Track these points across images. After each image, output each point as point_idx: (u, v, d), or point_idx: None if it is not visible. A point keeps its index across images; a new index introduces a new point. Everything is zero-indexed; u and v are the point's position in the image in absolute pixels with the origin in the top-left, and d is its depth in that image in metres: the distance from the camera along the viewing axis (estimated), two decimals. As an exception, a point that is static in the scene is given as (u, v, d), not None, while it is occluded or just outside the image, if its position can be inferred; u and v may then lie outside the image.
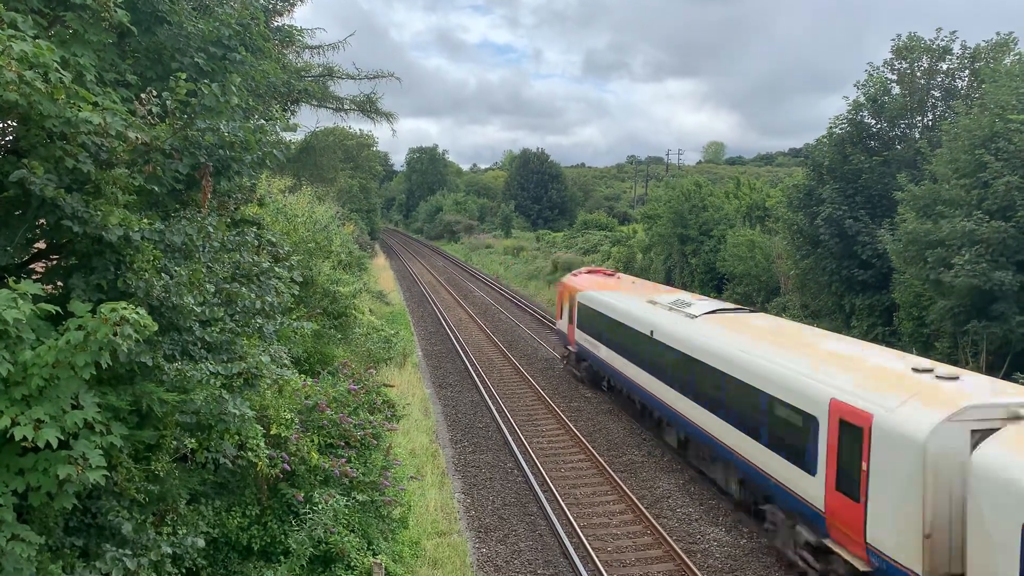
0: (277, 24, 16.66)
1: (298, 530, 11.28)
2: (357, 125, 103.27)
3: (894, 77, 29.46)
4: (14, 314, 5.56)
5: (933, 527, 10.43)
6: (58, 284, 8.16)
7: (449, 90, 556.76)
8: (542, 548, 15.89)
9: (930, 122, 29.11)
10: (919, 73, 28.76)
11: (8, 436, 5.76)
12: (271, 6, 15.74)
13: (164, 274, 7.86)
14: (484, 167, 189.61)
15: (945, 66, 28.62)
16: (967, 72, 28.22)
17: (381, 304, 43.34)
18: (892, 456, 11.10)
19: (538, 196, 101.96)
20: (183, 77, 8.13)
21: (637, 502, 17.71)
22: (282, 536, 11.25)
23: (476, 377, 30.07)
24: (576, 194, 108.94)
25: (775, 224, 35.94)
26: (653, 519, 16.82)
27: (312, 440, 12.67)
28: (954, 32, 28.15)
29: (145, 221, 7.67)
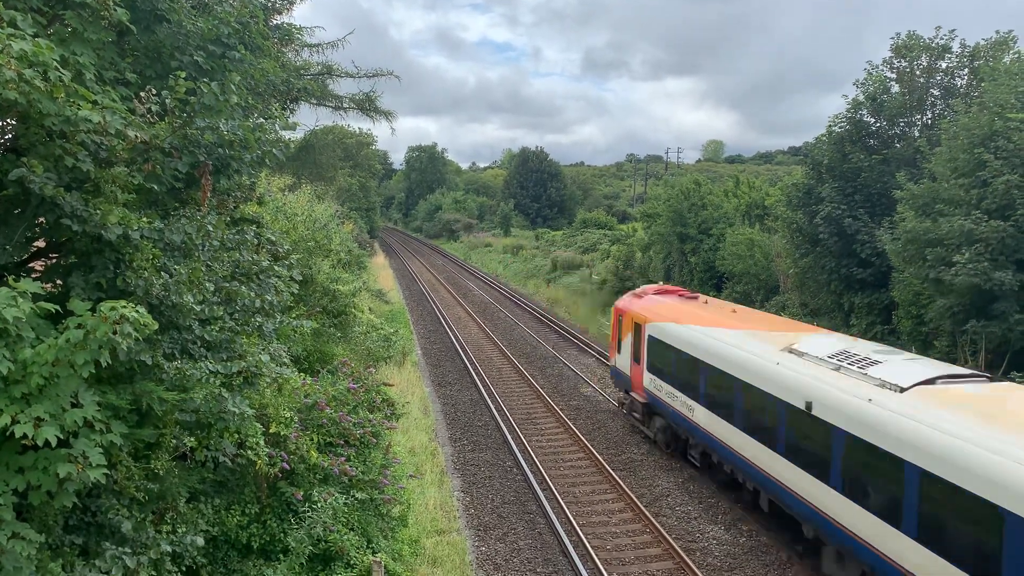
0: (276, 22, 16.64)
1: (297, 528, 11.29)
2: (356, 124, 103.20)
3: (893, 76, 29.46)
4: (14, 312, 5.56)
5: None
6: (57, 283, 8.16)
7: (448, 88, 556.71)
8: (541, 546, 15.91)
9: (929, 121, 29.12)
10: (918, 72, 28.77)
11: (8, 434, 5.76)
12: (270, 4, 15.73)
13: (163, 273, 7.86)
14: (483, 166, 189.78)
15: (944, 64, 28.63)
16: (966, 70, 28.23)
17: (380, 303, 43.34)
18: None
19: (537, 195, 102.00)
20: (183, 76, 8.13)
21: (636, 500, 17.73)
22: (281, 534, 11.26)
23: (475, 375, 30.08)
24: (575, 193, 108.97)
25: (774, 223, 35.96)
26: (652, 517, 16.84)
27: (311, 439, 12.67)
28: (953, 30, 28.17)
29: (144, 220, 7.66)
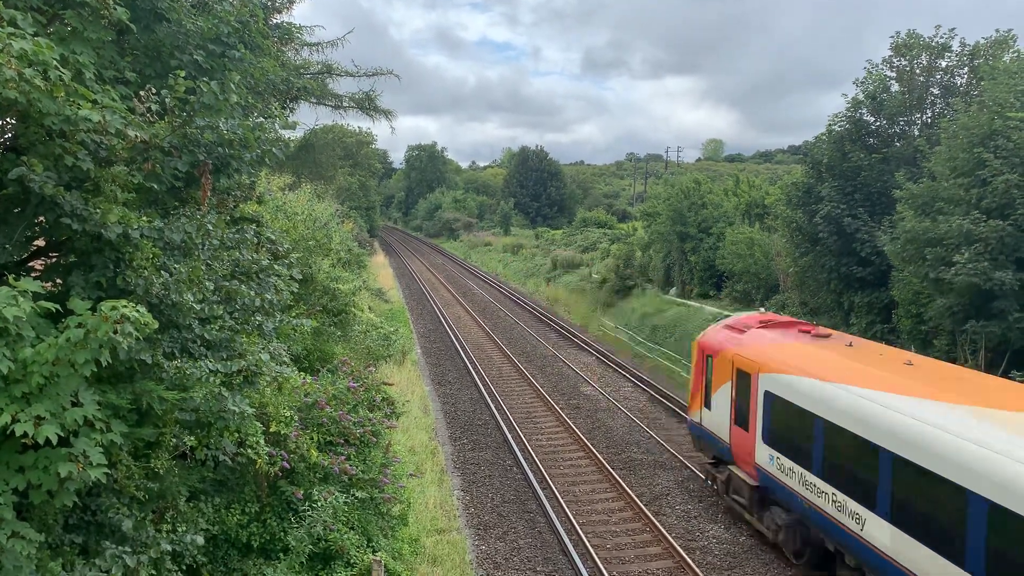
0: (276, 21, 16.65)
1: (297, 527, 11.29)
2: (356, 123, 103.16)
3: (893, 74, 29.45)
4: (14, 312, 5.55)
5: None
6: (57, 282, 8.15)
7: (448, 88, 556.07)
8: (541, 545, 15.92)
9: (929, 119, 29.11)
10: (918, 70, 28.76)
11: (8, 433, 5.76)
12: (270, 3, 15.74)
13: (163, 272, 7.86)
14: (483, 165, 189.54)
15: (944, 63, 28.62)
16: (966, 69, 28.22)
17: (380, 302, 43.34)
18: None
19: (537, 194, 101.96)
20: (182, 75, 8.12)
21: (636, 499, 17.74)
22: (281, 533, 11.25)
23: (475, 374, 30.09)
24: (575, 192, 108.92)
25: (774, 222, 35.97)
26: (652, 516, 16.85)
27: (311, 438, 12.67)
28: (953, 29, 28.16)
29: (144, 219, 7.66)
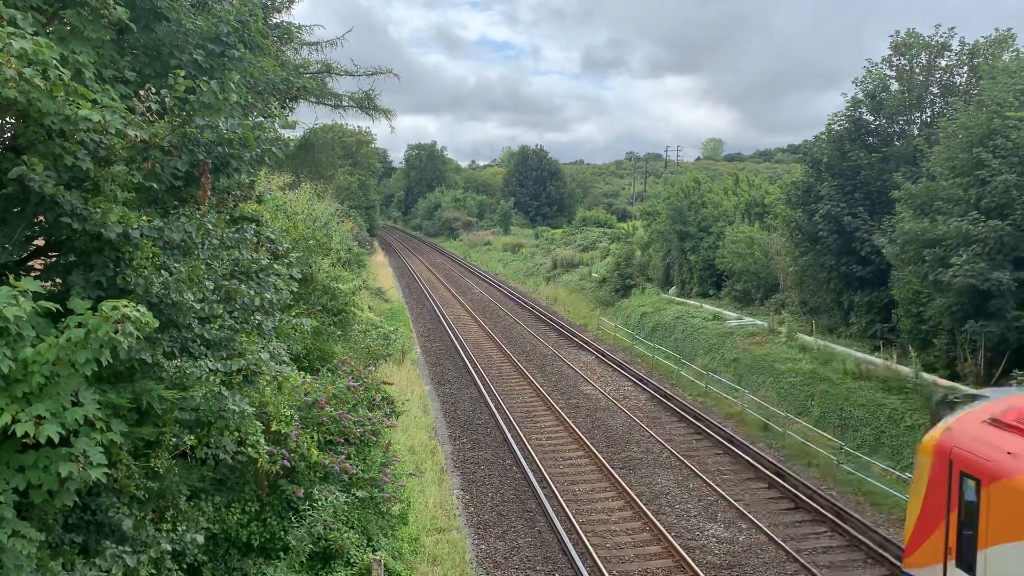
0: (275, 21, 16.63)
1: (298, 527, 11.30)
2: (355, 122, 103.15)
3: (893, 73, 29.49)
4: (15, 311, 5.55)
5: None
6: (56, 281, 8.16)
7: (448, 87, 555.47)
8: (541, 544, 15.93)
9: (928, 118, 29.14)
10: (918, 69, 28.79)
11: (8, 433, 5.76)
12: (269, 3, 15.72)
13: (163, 271, 7.86)
14: (483, 164, 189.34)
15: (944, 62, 28.66)
16: (966, 68, 28.26)
17: (380, 301, 43.35)
18: None
19: (537, 193, 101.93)
20: (182, 74, 8.12)
21: (636, 498, 17.75)
22: (281, 533, 11.26)
23: (475, 374, 30.10)
24: (575, 191, 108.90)
25: (774, 221, 36.00)
26: (652, 515, 16.86)
27: (312, 437, 12.67)
28: (952, 28, 28.21)
29: (144, 218, 7.66)
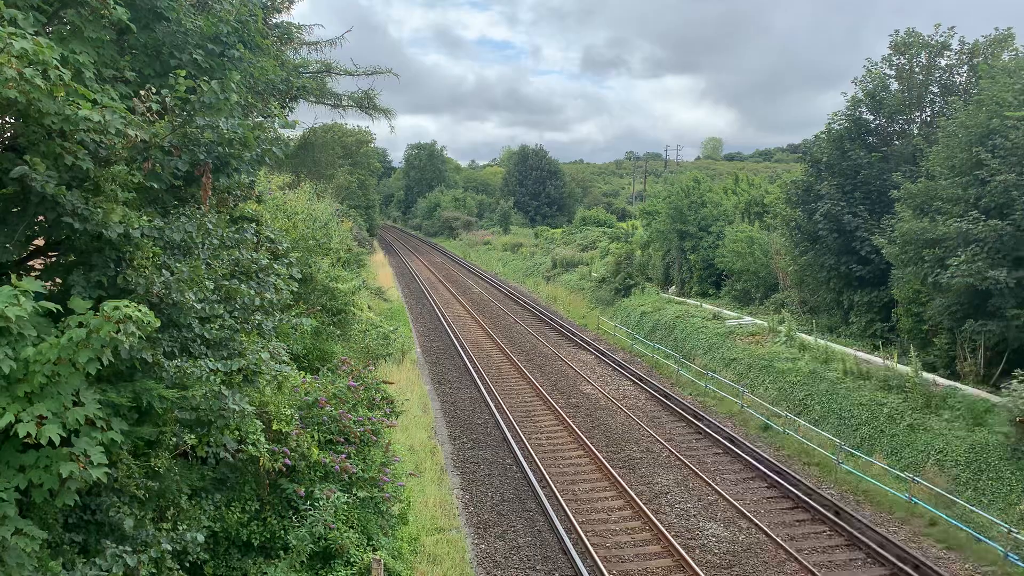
0: (275, 21, 16.62)
1: (299, 526, 11.31)
2: (355, 122, 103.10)
3: (892, 73, 29.50)
4: (16, 311, 5.56)
5: None
6: (56, 281, 8.16)
7: (447, 86, 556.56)
8: (541, 544, 15.94)
9: (928, 118, 29.15)
10: (917, 69, 28.79)
11: (10, 433, 5.77)
12: (269, 3, 15.71)
13: (164, 271, 7.87)
14: (482, 163, 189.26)
15: (943, 62, 28.67)
16: (965, 68, 28.26)
17: (380, 301, 43.34)
18: None
19: (536, 192, 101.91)
20: (183, 75, 8.13)
21: (636, 498, 17.76)
22: (281, 532, 11.27)
23: (474, 373, 30.10)
24: (574, 190, 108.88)
25: (773, 220, 36.01)
26: (652, 515, 16.87)
27: (312, 436, 12.68)
28: (952, 28, 28.21)
29: (145, 218, 7.67)
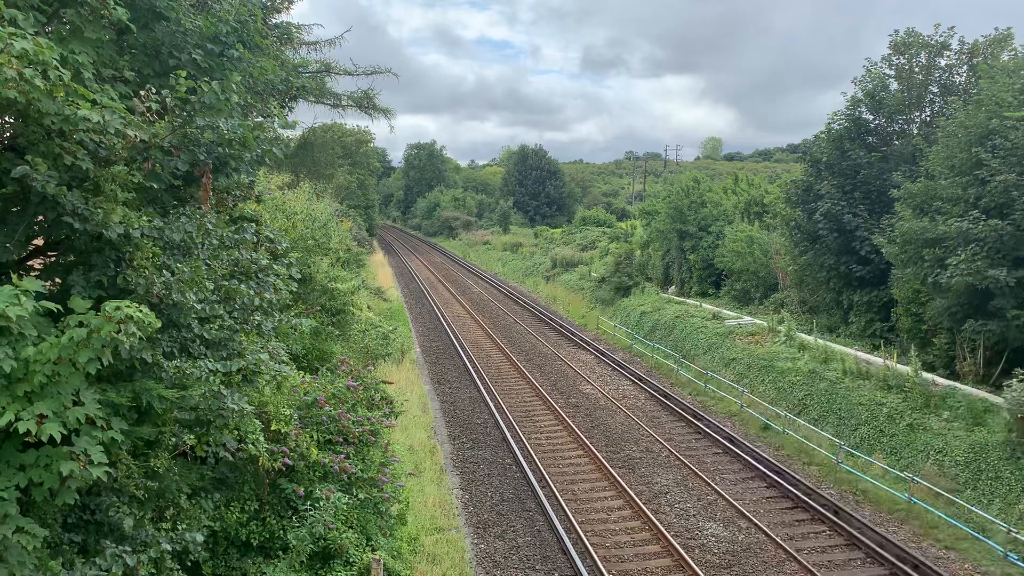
0: (275, 21, 16.63)
1: (298, 526, 11.31)
2: (355, 121, 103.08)
3: (892, 73, 29.51)
4: (17, 311, 5.56)
5: None
6: (56, 281, 8.17)
7: (447, 86, 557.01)
8: (540, 544, 15.94)
9: (928, 118, 29.16)
10: (917, 69, 28.80)
11: (10, 431, 5.78)
12: (269, 3, 15.71)
13: (164, 271, 7.88)
14: (482, 163, 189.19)
15: (943, 62, 28.68)
16: (965, 68, 28.27)
17: (379, 300, 43.34)
18: None
19: (536, 192, 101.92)
20: (183, 75, 8.13)
21: (635, 497, 17.77)
22: (280, 532, 11.27)
23: (474, 373, 30.11)
24: (574, 190, 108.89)
25: (773, 220, 36.03)
26: (651, 514, 16.88)
27: (311, 436, 12.68)
28: (952, 27, 28.21)
29: (145, 219, 7.67)
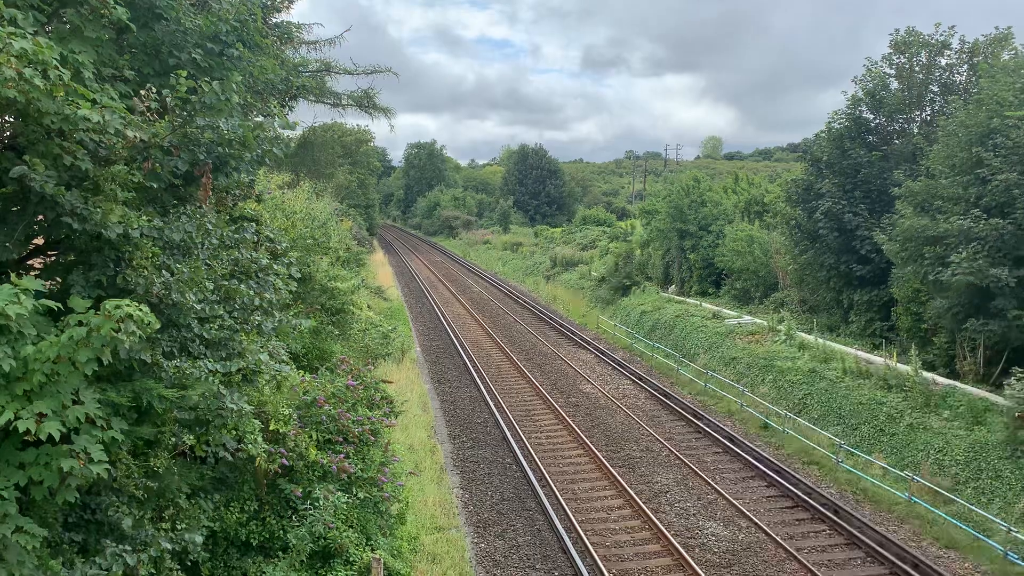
0: (275, 20, 16.63)
1: (298, 526, 11.32)
2: (355, 120, 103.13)
3: (892, 72, 29.50)
4: (16, 309, 5.57)
5: None
6: (56, 280, 8.17)
7: (447, 85, 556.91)
8: (540, 543, 15.95)
9: (928, 117, 29.15)
10: (917, 68, 28.79)
11: (10, 430, 5.78)
12: (268, 2, 15.71)
13: (164, 271, 7.87)
14: (482, 163, 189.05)
15: (944, 61, 28.67)
16: (965, 67, 28.27)
17: (379, 300, 43.35)
18: None
19: (536, 191, 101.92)
20: (183, 74, 8.13)
21: (635, 497, 17.77)
22: (280, 531, 11.28)
23: (474, 372, 30.11)
24: (574, 190, 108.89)
25: (773, 219, 36.03)
26: (651, 514, 16.88)
27: (310, 436, 12.68)
28: (953, 27, 28.20)
29: (144, 218, 7.67)
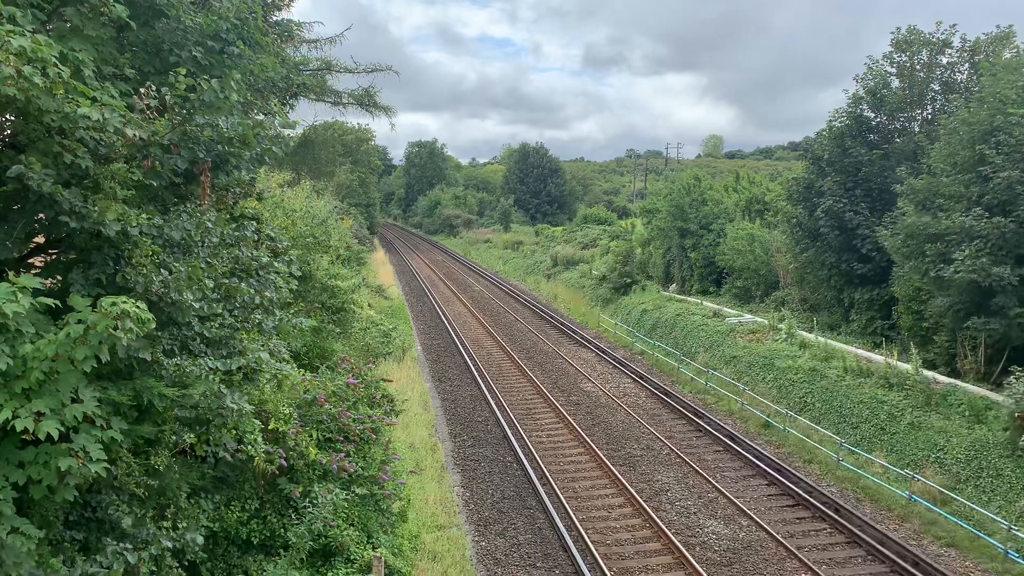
0: (275, 19, 16.62)
1: (298, 524, 11.32)
2: (355, 119, 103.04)
3: (894, 70, 29.47)
4: (14, 308, 5.56)
5: None
6: (56, 278, 8.16)
7: (448, 84, 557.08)
8: (541, 541, 15.95)
9: (929, 115, 29.12)
10: (919, 66, 28.76)
11: (8, 429, 5.77)
12: (269, 0, 15.71)
13: (163, 269, 7.86)
14: (483, 161, 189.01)
15: (945, 59, 28.64)
16: (967, 65, 28.23)
17: (380, 298, 43.34)
18: None
19: (537, 190, 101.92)
20: (183, 73, 8.12)
21: (636, 495, 17.77)
22: (281, 530, 11.28)
23: (475, 371, 30.11)
24: (575, 188, 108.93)
25: (774, 218, 36.01)
26: (652, 512, 16.88)
27: (311, 435, 12.67)
28: (954, 25, 28.17)
29: (144, 216, 7.66)
